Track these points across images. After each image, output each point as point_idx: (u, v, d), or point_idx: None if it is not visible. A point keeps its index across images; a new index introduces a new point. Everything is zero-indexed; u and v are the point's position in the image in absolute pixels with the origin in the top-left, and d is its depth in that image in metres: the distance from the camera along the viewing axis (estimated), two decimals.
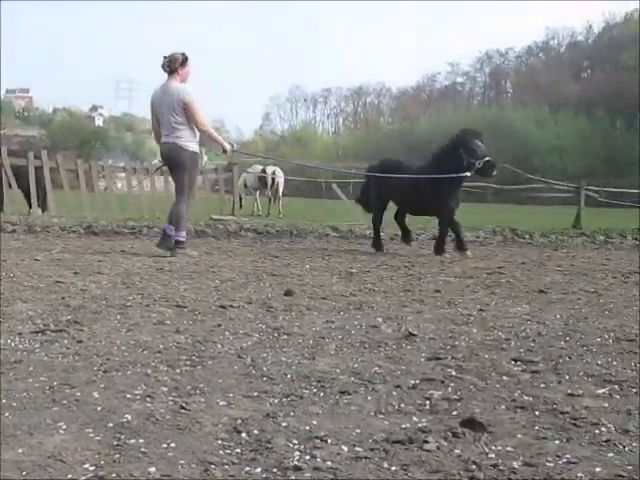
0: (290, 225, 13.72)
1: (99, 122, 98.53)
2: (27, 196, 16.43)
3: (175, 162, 9.08)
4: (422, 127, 73.86)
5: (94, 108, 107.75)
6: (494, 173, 10.31)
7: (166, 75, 9.11)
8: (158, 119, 9.18)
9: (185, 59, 9.11)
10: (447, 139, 10.61)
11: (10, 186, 16.03)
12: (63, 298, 5.47)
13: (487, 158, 9.99)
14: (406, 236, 11.26)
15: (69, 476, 2.23)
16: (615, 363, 3.84)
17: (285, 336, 4.39)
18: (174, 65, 9.04)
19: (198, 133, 9.15)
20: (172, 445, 2.50)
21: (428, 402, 3.09)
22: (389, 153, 45.13)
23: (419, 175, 10.13)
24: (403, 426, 2.76)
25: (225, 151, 9.91)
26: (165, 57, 9.05)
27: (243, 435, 2.63)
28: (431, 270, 8.16)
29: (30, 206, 16.48)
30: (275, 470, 2.31)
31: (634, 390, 3.32)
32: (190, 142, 9.05)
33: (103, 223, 13.35)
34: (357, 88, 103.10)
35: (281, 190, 23.70)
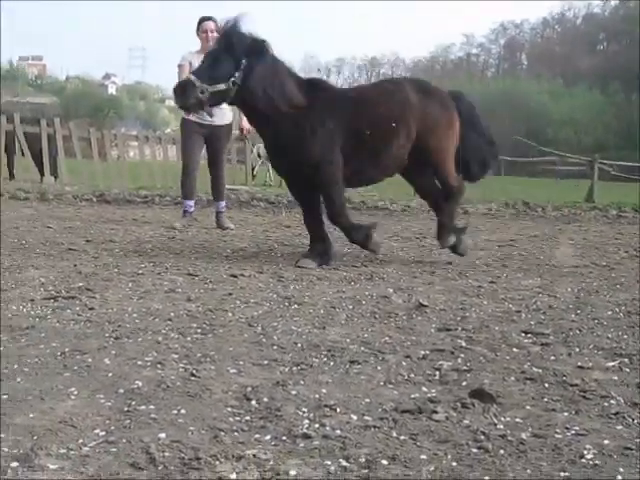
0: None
1: (112, 90, 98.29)
2: (39, 164, 16.44)
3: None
4: None
5: (107, 76, 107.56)
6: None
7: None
8: None
9: (199, 24, 8.83)
10: None
11: (23, 154, 16.04)
12: (75, 265, 5.49)
13: None
14: None
15: (80, 441, 2.25)
16: (625, 337, 3.83)
17: (296, 305, 4.40)
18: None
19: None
20: (182, 411, 2.52)
21: (438, 373, 3.10)
22: None
23: None
24: (412, 396, 2.77)
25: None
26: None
27: (253, 403, 2.64)
28: None
29: (42, 174, 16.49)
30: (284, 438, 2.33)
31: None
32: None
33: (115, 191, 13.36)
34: (371, 58, 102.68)
35: None
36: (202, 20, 8.76)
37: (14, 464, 2.07)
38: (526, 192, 17.35)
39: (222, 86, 5.77)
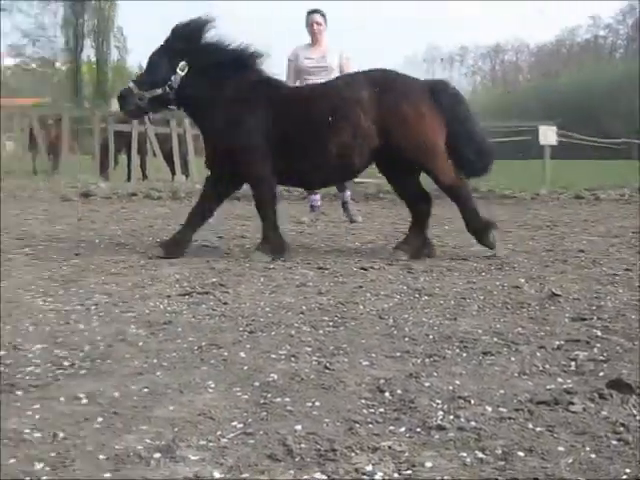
0: (429, 187, 13.57)
1: None
2: (170, 163, 16.85)
3: None
4: (562, 83, 71.85)
5: None
6: None
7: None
8: None
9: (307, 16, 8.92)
10: None
11: (154, 154, 16.47)
12: (208, 261, 5.62)
13: None
14: None
15: (218, 433, 2.30)
16: None
17: (426, 297, 4.38)
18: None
19: None
20: (317, 404, 2.55)
21: (573, 363, 3.05)
22: (528, 111, 44.03)
23: None
24: (548, 387, 2.73)
25: None
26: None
27: (386, 395, 2.65)
28: (574, 229, 7.97)
29: (174, 173, 16.90)
30: (419, 430, 2.33)
31: None
32: None
33: (244, 188, 13.56)
34: (494, 45, 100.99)
35: None
36: (309, 13, 8.83)
37: (157, 455, 2.14)
38: None
39: (159, 91, 5.88)
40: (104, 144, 16.38)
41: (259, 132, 5.83)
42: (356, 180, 15.55)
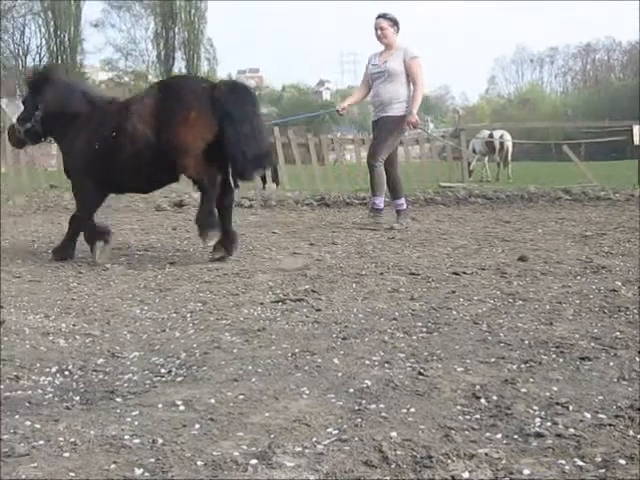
0: (520, 189, 13.42)
1: (326, 96, 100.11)
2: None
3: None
4: None
5: (321, 83, 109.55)
6: None
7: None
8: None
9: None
10: None
11: None
12: (301, 269, 5.65)
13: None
14: None
15: (314, 439, 2.31)
16: None
17: (520, 301, 4.33)
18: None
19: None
20: (412, 410, 2.54)
21: None
22: (621, 111, 43.07)
23: None
24: None
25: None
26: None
27: (482, 401, 2.63)
28: None
29: (264, 181, 17.05)
30: (516, 436, 2.30)
31: None
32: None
33: (335, 195, 13.61)
34: (585, 45, 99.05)
35: (510, 154, 23.25)
36: (375, 18, 8.85)
37: (253, 461, 2.16)
38: None
39: (29, 124, 6.71)
40: None
41: (81, 153, 6.36)
42: (444, 184, 15.54)
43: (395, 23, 8.76)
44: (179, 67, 62.33)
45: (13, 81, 54.26)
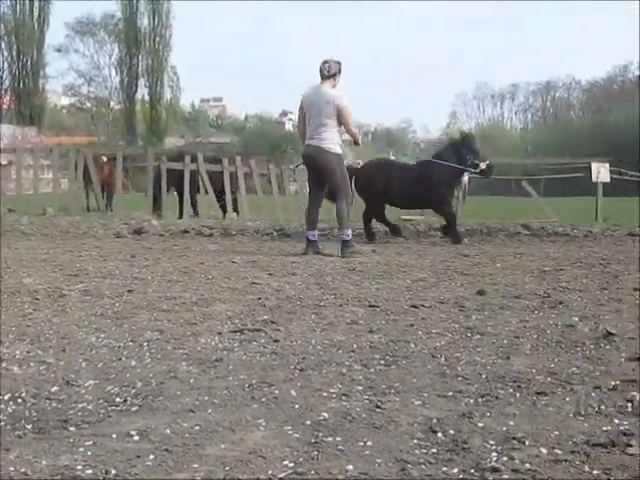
0: (479, 224, 13.53)
1: (289, 127, 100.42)
2: (221, 201, 17.01)
3: (324, 166, 9.44)
4: (615, 119, 71.21)
5: (284, 113, 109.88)
6: (492, 175, 12.16)
7: (320, 79, 9.45)
8: (305, 119, 9.57)
9: (341, 68, 9.51)
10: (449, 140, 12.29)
11: (207, 192, 16.62)
12: (259, 299, 5.63)
13: (488, 161, 11.72)
14: (396, 229, 11.84)
15: (269, 472, 2.29)
16: None
17: (478, 335, 4.35)
18: (332, 71, 9.40)
19: (341, 136, 9.65)
20: (369, 443, 2.53)
21: (630, 404, 2.99)
22: (580, 148, 43.63)
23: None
24: (604, 429, 2.68)
25: (357, 143, 10.13)
26: (325, 62, 9.42)
27: (439, 435, 2.62)
28: (629, 267, 7.85)
29: (225, 210, 17.02)
30: (472, 471, 2.30)
31: None
32: (333, 145, 9.41)
33: (295, 225, 13.62)
34: (545, 82, 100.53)
35: (467, 189, 23.36)
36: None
37: None
38: None
39: None
40: (157, 182, 16.60)
41: None
42: (405, 217, 15.61)
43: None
44: (142, 94, 62.34)
45: None
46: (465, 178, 23.23)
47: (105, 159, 19.90)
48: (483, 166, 11.48)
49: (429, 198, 11.49)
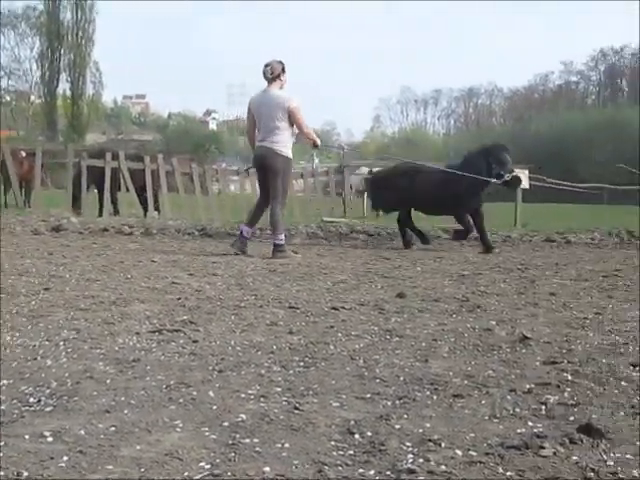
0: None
1: (213, 126, 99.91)
2: (142, 199, 16.85)
3: (270, 167, 9.43)
4: (535, 127, 72.61)
5: (208, 112, 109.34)
6: (518, 187, 12.19)
7: (266, 82, 9.45)
8: (255, 123, 9.56)
9: (284, 67, 9.50)
10: (477, 149, 11.71)
11: (127, 189, 16.46)
12: (179, 299, 5.58)
13: (515, 173, 11.39)
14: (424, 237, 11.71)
15: (186, 474, 2.27)
16: None
17: (397, 338, 4.37)
18: (275, 73, 9.38)
19: (292, 139, 9.67)
20: (286, 445, 2.52)
21: (544, 407, 3.04)
22: None
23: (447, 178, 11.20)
24: (518, 431, 2.72)
25: (316, 146, 10.18)
26: (266, 65, 9.41)
27: (356, 437, 2.63)
28: (545, 273, 8.01)
29: (146, 209, 16.87)
30: (389, 472, 2.31)
31: None
32: (285, 147, 9.44)
33: (217, 225, 13.56)
34: (468, 89, 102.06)
35: None
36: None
37: None
38: (630, 221, 16.92)
39: None
40: (77, 178, 16.37)
41: None
42: (327, 219, 15.66)
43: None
44: (64, 89, 61.39)
45: None
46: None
47: (24, 154, 19.49)
48: (508, 177, 11.06)
49: (451, 205, 11.31)
